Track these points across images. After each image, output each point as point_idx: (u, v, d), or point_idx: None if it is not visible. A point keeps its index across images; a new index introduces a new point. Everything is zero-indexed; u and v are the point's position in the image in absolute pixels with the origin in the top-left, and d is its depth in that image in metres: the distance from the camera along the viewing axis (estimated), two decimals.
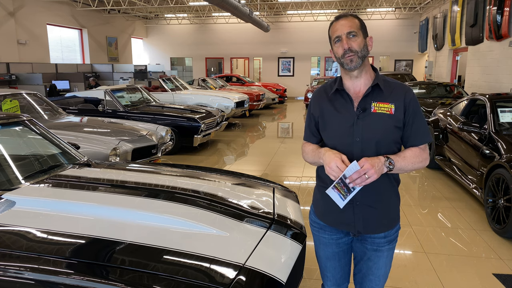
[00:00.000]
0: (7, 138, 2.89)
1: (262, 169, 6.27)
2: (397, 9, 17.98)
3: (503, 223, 3.67)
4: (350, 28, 1.55)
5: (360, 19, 1.60)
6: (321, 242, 1.78)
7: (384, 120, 1.57)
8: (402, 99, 1.59)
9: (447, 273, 3.08)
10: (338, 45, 1.58)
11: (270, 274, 1.65)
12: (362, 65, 1.57)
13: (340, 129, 1.60)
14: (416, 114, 1.60)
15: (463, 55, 13.15)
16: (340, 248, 1.77)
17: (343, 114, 1.61)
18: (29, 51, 13.06)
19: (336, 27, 1.58)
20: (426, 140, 1.62)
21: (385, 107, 1.57)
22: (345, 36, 1.55)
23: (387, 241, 1.68)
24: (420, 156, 1.60)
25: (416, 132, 1.60)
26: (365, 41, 1.58)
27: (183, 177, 2.78)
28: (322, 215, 1.74)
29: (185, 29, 20.92)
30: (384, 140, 1.57)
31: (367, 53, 1.59)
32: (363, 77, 1.62)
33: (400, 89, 1.61)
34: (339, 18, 1.59)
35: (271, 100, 15.10)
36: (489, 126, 4.44)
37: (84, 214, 2.02)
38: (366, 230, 1.65)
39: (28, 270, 1.54)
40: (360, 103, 1.59)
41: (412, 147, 1.61)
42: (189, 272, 1.55)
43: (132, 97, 7.78)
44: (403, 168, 1.56)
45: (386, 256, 1.71)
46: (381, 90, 1.60)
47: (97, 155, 4.39)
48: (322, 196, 1.70)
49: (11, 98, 5.14)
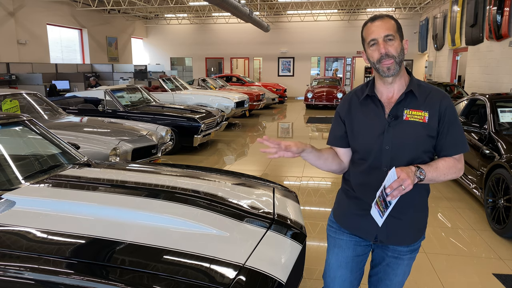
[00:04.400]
0: (7, 138, 2.89)
1: (262, 169, 6.27)
2: (397, 9, 17.98)
3: (503, 223, 3.67)
4: (387, 30, 1.45)
5: (396, 20, 1.50)
6: (337, 245, 1.69)
7: (416, 128, 1.49)
8: (437, 107, 1.49)
9: (447, 273, 3.08)
10: (373, 49, 1.48)
11: (270, 274, 1.65)
12: (400, 68, 1.49)
13: (370, 136, 1.53)
14: (452, 123, 1.50)
15: (463, 55, 13.15)
16: (356, 254, 1.67)
17: (374, 121, 1.54)
18: (29, 51, 13.06)
19: (371, 29, 1.48)
20: (462, 151, 1.52)
21: (418, 114, 1.49)
22: (382, 40, 1.45)
23: (409, 250, 1.61)
24: (454, 167, 1.50)
25: (451, 142, 1.51)
26: (402, 45, 1.49)
27: (183, 177, 2.78)
28: (341, 218, 1.69)
29: (185, 29, 20.91)
30: (415, 149, 1.49)
31: (404, 57, 1.50)
32: (397, 82, 1.54)
33: (436, 96, 1.52)
34: (375, 19, 1.49)
35: (271, 100, 15.09)
36: (489, 126, 4.44)
37: (84, 214, 2.02)
38: (389, 241, 1.58)
39: (28, 270, 1.54)
40: (392, 110, 1.51)
41: (446, 157, 1.52)
42: (189, 272, 1.55)
43: (132, 97, 7.78)
44: (434, 179, 1.46)
45: (406, 265, 1.64)
46: (415, 96, 1.51)
47: (97, 155, 4.39)
48: (346, 199, 1.67)
49: (11, 98, 5.14)
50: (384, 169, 1.52)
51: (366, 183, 1.57)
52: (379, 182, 1.48)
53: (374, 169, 1.55)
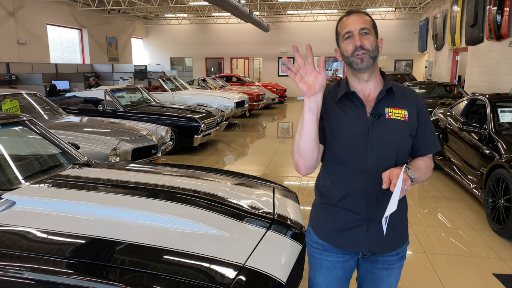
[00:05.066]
0: (7, 138, 2.89)
1: (262, 169, 6.27)
2: (397, 9, 17.97)
3: (503, 223, 3.67)
4: (363, 24, 1.41)
5: (371, 17, 1.47)
6: (323, 266, 1.57)
7: (399, 127, 1.44)
8: (415, 105, 1.48)
9: (447, 273, 3.08)
10: (348, 42, 1.42)
11: (270, 274, 1.65)
12: (372, 66, 1.43)
13: (353, 137, 1.43)
14: (428, 122, 1.50)
15: (463, 55, 13.15)
16: (345, 272, 1.58)
17: (355, 120, 1.44)
18: (29, 51, 13.06)
19: (347, 22, 1.43)
20: (436, 149, 1.52)
21: (398, 113, 1.45)
22: (357, 32, 1.40)
23: (398, 258, 1.56)
24: (430, 166, 1.50)
25: (427, 141, 1.50)
26: (377, 42, 1.44)
27: (183, 177, 2.78)
28: (328, 236, 1.54)
29: (185, 29, 20.91)
30: (401, 149, 1.45)
31: (378, 54, 1.44)
32: (373, 80, 1.48)
33: (411, 95, 1.51)
34: (351, 13, 1.45)
35: (271, 100, 15.09)
36: (489, 126, 4.44)
37: (84, 214, 2.02)
38: (379, 250, 1.49)
39: (28, 270, 1.54)
40: (374, 108, 1.44)
41: (422, 156, 1.51)
42: (189, 272, 1.55)
43: (132, 97, 7.78)
44: (417, 179, 1.42)
45: (397, 273, 1.58)
46: (394, 94, 1.47)
47: (97, 155, 4.39)
48: (328, 214, 1.53)
49: (11, 98, 5.14)
50: (372, 172, 1.43)
51: (351, 190, 1.46)
52: (366, 188, 1.43)
53: (359, 173, 1.44)
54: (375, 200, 1.45)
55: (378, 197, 1.45)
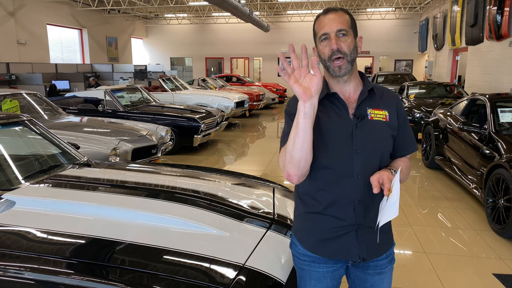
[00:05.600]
0: (7, 138, 2.89)
1: (262, 169, 6.27)
2: (397, 9, 17.97)
3: (503, 223, 3.67)
4: (340, 24, 1.33)
5: (350, 15, 1.40)
6: (313, 277, 1.50)
7: (382, 128, 1.41)
8: (395, 106, 1.45)
9: (447, 273, 3.08)
10: (325, 44, 1.36)
11: (270, 274, 1.64)
12: (351, 70, 1.39)
13: (337, 140, 1.38)
14: (406, 122, 1.49)
15: (463, 55, 13.15)
16: (335, 281, 1.53)
17: (338, 122, 1.39)
18: (29, 51, 13.06)
19: (324, 21, 1.36)
20: (415, 149, 1.53)
21: (380, 114, 1.42)
22: (334, 34, 1.33)
23: (388, 260, 1.52)
24: (409, 167, 1.50)
25: (407, 142, 1.49)
26: (355, 42, 1.38)
27: (183, 177, 2.78)
28: (315, 247, 1.47)
29: (185, 29, 20.91)
30: (384, 151, 1.42)
31: (357, 56, 1.38)
32: (352, 81, 1.43)
33: (391, 95, 1.49)
34: (328, 11, 1.38)
35: (271, 100, 15.09)
36: (489, 126, 4.44)
37: (84, 214, 2.02)
38: (370, 256, 1.45)
39: (28, 270, 1.54)
40: (356, 109, 1.40)
41: (401, 157, 1.50)
42: (189, 272, 1.54)
43: (132, 97, 7.78)
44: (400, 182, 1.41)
45: (389, 277, 1.54)
46: (374, 95, 1.44)
47: (97, 155, 4.39)
48: (314, 224, 1.46)
49: (11, 98, 5.14)
50: (357, 176, 1.38)
51: (338, 196, 1.40)
52: (353, 193, 1.39)
53: (345, 178, 1.39)
54: (362, 205, 1.40)
55: (365, 202, 1.40)
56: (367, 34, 18.82)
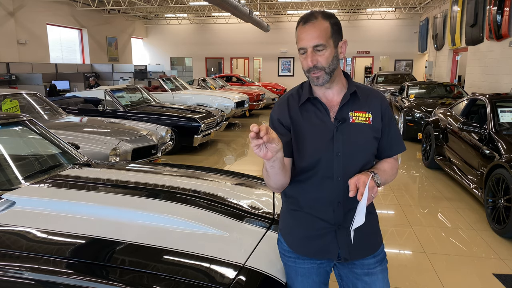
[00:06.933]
0: (7, 138, 2.89)
1: (262, 169, 6.27)
2: (397, 9, 17.97)
3: (503, 223, 3.67)
4: (317, 39, 1.32)
5: (332, 21, 1.37)
6: (299, 273, 1.54)
7: (363, 131, 1.42)
8: (379, 107, 1.45)
9: (447, 273, 3.08)
10: (303, 57, 1.37)
11: (270, 274, 1.64)
12: (331, 78, 1.39)
13: (318, 144, 1.40)
14: (391, 123, 1.48)
15: (463, 55, 13.15)
16: (321, 277, 1.54)
17: (319, 126, 1.41)
18: (29, 51, 13.06)
19: (302, 35, 1.35)
20: (402, 149, 1.51)
21: (362, 116, 1.42)
22: (311, 50, 1.34)
23: (377, 261, 1.51)
24: (395, 168, 1.49)
25: (392, 143, 1.49)
26: (336, 51, 1.37)
27: (183, 177, 2.78)
28: (297, 245, 1.51)
29: (185, 29, 20.92)
30: (366, 153, 1.43)
31: (337, 65, 1.39)
32: (335, 86, 1.44)
33: (376, 96, 1.48)
34: (306, 21, 1.35)
35: (271, 100, 15.09)
36: (489, 126, 4.44)
37: (84, 214, 2.02)
38: (352, 256, 1.46)
39: (28, 270, 1.54)
40: (338, 113, 1.41)
41: (387, 158, 1.50)
42: (189, 272, 1.54)
43: (132, 97, 7.78)
44: (384, 183, 1.43)
45: (382, 279, 1.49)
46: (358, 97, 1.44)
47: (97, 155, 4.39)
48: (296, 222, 1.49)
49: (11, 98, 5.14)
50: (338, 178, 1.40)
51: (318, 197, 1.44)
52: (333, 194, 1.41)
53: (325, 179, 1.42)
54: (342, 206, 1.42)
55: (345, 204, 1.42)
56: (367, 34, 18.82)
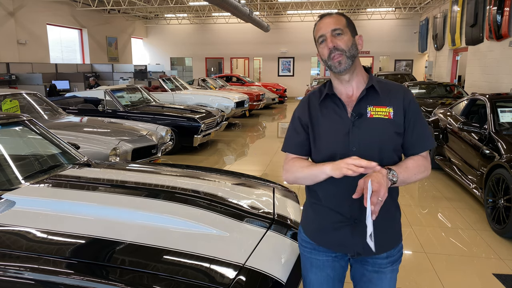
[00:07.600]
0: (7, 138, 2.89)
1: (262, 169, 6.27)
2: (397, 9, 17.97)
3: (503, 223, 3.67)
4: (335, 25, 1.40)
5: (347, 17, 1.45)
6: (314, 264, 1.57)
7: (382, 125, 1.40)
8: (401, 102, 1.42)
9: (447, 273, 3.08)
10: (323, 46, 1.42)
11: (270, 274, 1.64)
12: (352, 66, 1.41)
13: (333, 138, 1.43)
14: (417, 118, 1.44)
15: (463, 55, 13.15)
16: (336, 273, 1.56)
17: (336, 121, 1.44)
18: (29, 51, 13.06)
19: (320, 26, 1.43)
20: (429, 146, 1.46)
21: (382, 111, 1.41)
22: (329, 34, 1.39)
23: (389, 261, 1.51)
24: (423, 166, 1.44)
25: (418, 138, 1.44)
26: (354, 40, 1.42)
27: (183, 177, 2.78)
28: (314, 235, 1.55)
29: (185, 29, 20.91)
30: (384, 149, 1.41)
31: (357, 53, 1.42)
32: (355, 80, 1.46)
33: (398, 91, 1.45)
34: (323, 16, 1.44)
35: (271, 100, 15.10)
36: (489, 126, 4.44)
37: (84, 214, 2.02)
38: (366, 252, 1.45)
39: (28, 270, 1.54)
40: (354, 108, 1.42)
41: (414, 155, 1.46)
42: (189, 272, 1.54)
43: (132, 97, 7.78)
44: (405, 180, 1.38)
45: (390, 279, 1.51)
46: (377, 92, 1.43)
47: (97, 155, 4.39)
48: (315, 214, 1.54)
49: (11, 98, 5.14)
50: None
51: (335, 192, 1.45)
52: (349, 189, 1.40)
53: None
54: (357, 201, 1.40)
55: (361, 198, 1.38)
56: (367, 34, 18.81)
